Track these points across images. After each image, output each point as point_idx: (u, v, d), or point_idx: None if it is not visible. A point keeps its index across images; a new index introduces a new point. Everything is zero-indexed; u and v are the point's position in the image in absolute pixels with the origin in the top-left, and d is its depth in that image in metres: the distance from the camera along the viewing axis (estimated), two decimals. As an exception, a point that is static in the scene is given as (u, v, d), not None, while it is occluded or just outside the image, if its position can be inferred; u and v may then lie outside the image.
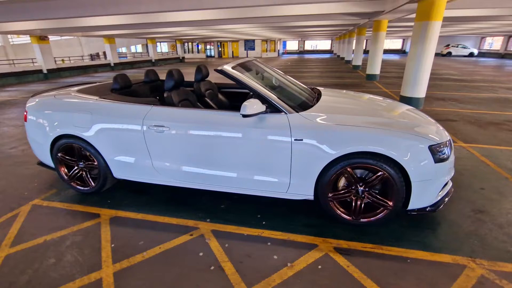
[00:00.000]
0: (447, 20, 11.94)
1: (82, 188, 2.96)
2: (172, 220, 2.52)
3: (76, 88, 3.27)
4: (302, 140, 2.22)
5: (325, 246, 2.15)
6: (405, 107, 2.85)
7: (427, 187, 2.17)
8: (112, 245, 2.21)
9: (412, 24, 13.25)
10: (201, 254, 2.10)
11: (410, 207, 2.23)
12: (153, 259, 2.06)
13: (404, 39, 38.54)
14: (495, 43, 31.66)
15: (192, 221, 2.50)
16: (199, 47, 38.86)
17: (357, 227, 2.36)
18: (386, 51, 37.46)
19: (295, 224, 2.43)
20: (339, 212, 2.36)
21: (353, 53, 17.08)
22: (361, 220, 2.33)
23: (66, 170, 2.98)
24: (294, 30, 19.91)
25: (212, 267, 1.97)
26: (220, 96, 3.66)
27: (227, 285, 1.83)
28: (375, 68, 11.22)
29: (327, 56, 35.18)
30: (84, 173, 2.92)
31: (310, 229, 2.36)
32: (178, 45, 27.78)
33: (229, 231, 2.35)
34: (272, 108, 2.33)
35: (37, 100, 2.99)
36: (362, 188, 2.27)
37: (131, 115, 2.58)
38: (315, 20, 12.16)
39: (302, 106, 2.49)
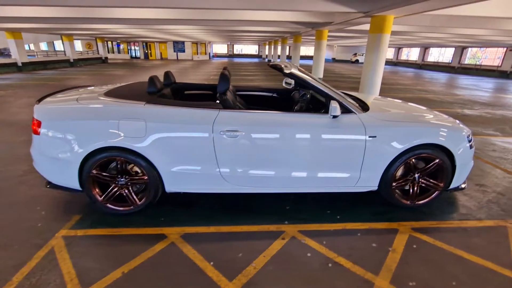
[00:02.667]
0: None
1: (122, 208, 2.53)
2: (252, 228, 2.43)
3: (97, 89, 2.76)
4: (375, 137, 2.47)
5: (405, 229, 2.45)
6: (423, 107, 3.37)
7: (464, 169, 2.71)
8: (211, 263, 2.02)
9: (343, 34, 15.17)
10: (309, 254, 2.13)
11: (451, 186, 2.74)
12: (267, 269, 1.98)
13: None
14: (411, 53, 37.07)
15: (274, 225, 2.46)
16: (121, 47, 35.27)
17: (414, 209, 2.75)
18: (307, 58, 41.45)
19: (366, 214, 2.66)
20: (400, 198, 2.71)
21: (287, 58, 18.42)
22: (417, 202, 2.73)
23: (98, 190, 2.50)
24: (239, 34, 20.27)
25: (330, 264, 2.03)
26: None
27: (358, 277, 1.92)
28: (319, 72, 12.44)
29: (256, 60, 36.76)
30: (126, 190, 2.50)
31: (381, 216, 2.63)
32: (100, 44, 24.59)
33: (315, 229, 2.42)
34: (343, 109, 2.51)
35: (53, 107, 2.42)
36: (417, 175, 2.67)
37: (198, 120, 2.37)
38: (263, 26, 12.73)
39: (362, 107, 2.74)
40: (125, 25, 13.73)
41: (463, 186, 2.83)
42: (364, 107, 2.77)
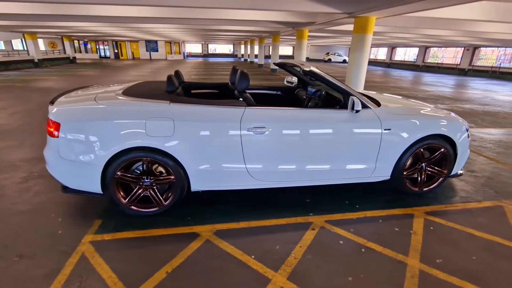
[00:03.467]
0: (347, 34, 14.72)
1: (147, 210, 2.48)
2: (281, 221, 2.50)
3: (112, 88, 2.68)
4: (390, 129, 2.66)
5: (419, 213, 2.66)
6: (421, 102, 3.62)
7: (463, 156, 2.99)
8: (252, 256, 2.06)
9: (321, 34, 15.64)
10: (341, 242, 2.25)
11: (452, 173, 3.01)
12: (307, 258, 2.06)
13: (293, 47, 44.15)
14: (378, 53, 38.95)
15: (300, 217, 2.55)
16: (88, 46, 33.39)
17: (422, 195, 2.98)
18: (282, 57, 42.06)
19: (381, 202, 2.84)
20: (410, 186, 2.92)
21: (265, 57, 18.63)
22: (424, 189, 2.97)
23: (122, 192, 2.43)
24: (215, 34, 20.08)
25: (363, 249, 2.17)
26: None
27: (391, 259, 2.07)
28: (301, 71, 12.76)
29: (231, 59, 36.67)
30: (151, 191, 2.45)
31: (395, 203, 2.82)
32: (67, 43, 23.09)
33: (340, 219, 2.55)
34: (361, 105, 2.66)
35: (73, 108, 2.32)
36: (424, 164, 2.90)
37: (226, 118, 2.40)
38: (244, 26, 12.77)
39: (375, 102, 2.91)
40: (97, 23, 13.10)
41: (461, 172, 3.12)
42: (376, 102, 2.95)
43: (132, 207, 2.45)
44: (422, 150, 2.82)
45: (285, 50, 44.84)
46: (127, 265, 1.97)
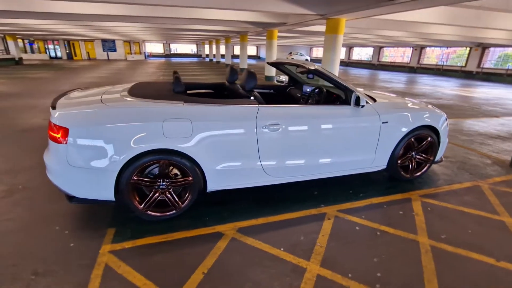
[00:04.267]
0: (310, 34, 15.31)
1: (164, 214, 2.42)
2: (297, 214, 2.60)
3: (113, 90, 2.55)
4: (387, 122, 2.90)
5: (415, 197, 2.95)
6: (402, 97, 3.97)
7: (443, 144, 3.36)
8: (282, 249, 2.13)
9: (289, 34, 16.06)
10: (357, 228, 2.42)
11: (436, 159, 3.36)
12: (332, 245, 2.19)
13: (257, 47, 44.65)
14: (319, 52, 42.14)
15: (314, 209, 2.68)
16: (34, 46, 30.28)
17: (412, 181, 3.29)
18: (248, 57, 42.25)
19: (381, 190, 3.09)
20: (403, 173, 3.21)
21: (232, 58, 18.61)
22: (414, 175, 3.28)
23: (137, 197, 2.34)
24: (179, 33, 19.52)
25: (378, 233, 2.36)
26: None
27: (405, 239, 2.29)
28: (272, 71, 13.00)
29: (195, 59, 35.94)
30: (168, 194, 2.39)
31: (393, 190, 3.09)
32: (11, 42, 20.65)
33: (350, 207, 2.73)
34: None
35: (82, 111, 2.17)
36: (414, 152, 3.21)
37: (242, 117, 2.43)
38: (212, 25, 12.65)
39: (371, 98, 3.14)
40: (48, 20, 12.00)
41: (442, 158, 3.50)
42: (372, 98, 3.19)
43: (149, 212, 2.37)
44: (413, 139, 3.12)
45: (249, 50, 45.06)
46: (159, 270, 1.92)
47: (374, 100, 3.04)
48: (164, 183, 2.36)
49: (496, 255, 2.14)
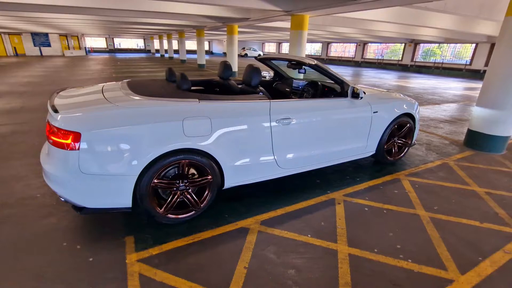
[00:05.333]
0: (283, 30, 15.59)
1: (185, 215, 2.35)
2: (310, 202, 2.74)
3: (118, 89, 2.37)
4: (377, 112, 3.20)
5: (403, 177, 3.32)
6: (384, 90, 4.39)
7: (417, 129, 3.82)
8: (309, 235, 2.25)
9: (247, 30, 16.08)
10: (366, 209, 2.66)
11: (412, 142, 3.82)
12: (351, 225, 2.38)
13: (210, 42, 43.81)
14: (271, 47, 43.44)
15: (323, 196, 2.85)
16: None
17: (394, 163, 3.69)
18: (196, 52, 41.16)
19: (372, 173, 3.40)
20: (388, 157, 3.58)
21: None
22: (396, 158, 3.68)
23: (156, 201, 2.24)
24: (126, 27, 18.11)
25: (385, 211, 2.63)
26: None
27: (407, 214, 2.59)
28: (234, 66, 12.96)
29: (143, 55, 33.84)
30: (187, 195, 2.33)
31: (382, 172, 3.43)
32: None
33: (352, 191, 2.97)
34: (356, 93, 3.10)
35: (95, 113, 1.99)
36: (396, 138, 3.60)
37: (257, 112, 2.46)
38: (168, 19, 12.06)
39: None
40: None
41: (415, 142, 3.98)
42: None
43: (169, 215, 2.29)
44: (395, 126, 3.50)
45: (193, 45, 43.89)
46: (199, 270, 1.89)
47: (364, 93, 3.32)
48: (182, 184, 2.29)
49: (479, 218, 2.57)
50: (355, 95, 2.98)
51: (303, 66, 3.37)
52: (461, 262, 2.03)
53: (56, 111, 1.98)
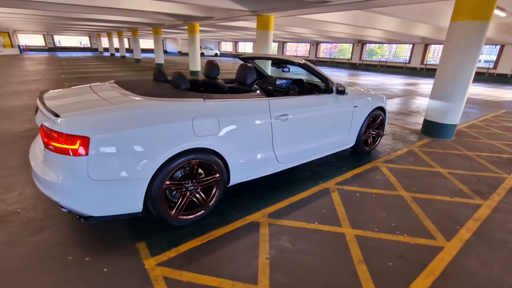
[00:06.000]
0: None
1: (195, 216, 2.34)
2: (308, 192, 2.92)
3: (117, 91, 2.26)
4: (357, 106, 3.51)
5: (380, 165, 3.69)
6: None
7: (386, 121, 4.27)
8: (316, 222, 2.42)
9: (208, 28, 15.81)
10: (357, 194, 2.92)
11: (383, 133, 4.25)
12: (349, 211, 2.61)
13: (163, 40, 42.04)
14: (227, 46, 43.47)
15: (317, 186, 3.05)
16: None
17: (370, 153, 4.07)
18: (148, 51, 39.31)
19: (353, 163, 3.71)
20: (365, 147, 3.94)
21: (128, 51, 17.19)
22: (371, 148, 4.06)
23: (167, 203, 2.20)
24: (71, 23, 16.52)
25: (374, 195, 2.92)
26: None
27: (394, 196, 2.91)
28: (197, 66, 12.71)
29: (89, 53, 31.20)
30: (196, 194, 2.32)
31: (362, 162, 3.76)
32: None
33: (341, 180, 3.22)
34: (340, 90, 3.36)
35: (102, 116, 1.88)
36: (371, 129, 3.97)
37: (259, 110, 2.55)
38: (123, 16, 11.35)
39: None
40: None
41: (384, 133, 4.43)
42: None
43: (180, 217, 2.26)
44: (371, 119, 3.86)
45: (149, 43, 41.86)
46: (223, 266, 1.92)
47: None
48: (191, 184, 2.29)
49: (448, 194, 3.00)
50: (341, 91, 3.23)
51: (287, 65, 3.54)
52: (445, 232, 2.38)
53: (56, 114, 1.83)
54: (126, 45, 30.18)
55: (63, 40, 38.03)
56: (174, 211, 2.21)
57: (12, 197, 2.68)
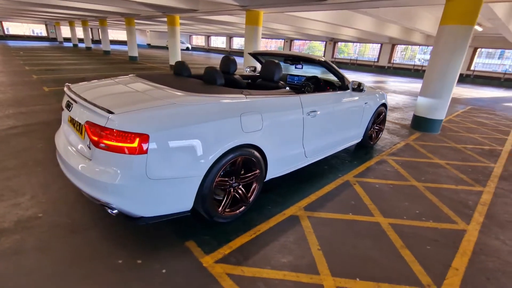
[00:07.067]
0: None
1: (238, 211, 2.35)
2: (331, 186, 3.04)
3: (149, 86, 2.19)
4: (367, 103, 3.71)
5: (387, 158, 3.94)
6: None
7: (386, 116, 4.55)
8: (350, 213, 2.54)
9: (186, 21, 15.26)
10: (377, 186, 3.11)
11: (384, 128, 4.52)
12: (375, 201, 2.78)
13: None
14: (199, 40, 42.64)
15: (338, 179, 3.19)
16: None
17: (374, 146, 4.32)
18: (118, 42, 37.07)
19: (362, 157, 3.92)
20: (370, 141, 4.17)
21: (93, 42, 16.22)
22: (374, 142, 4.31)
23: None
24: (35, 10, 15.01)
25: (391, 186, 3.13)
26: None
27: (404, 186, 3.14)
28: (177, 59, 12.29)
29: (46, 43, 28.58)
30: (239, 190, 2.32)
31: (369, 155, 3.99)
32: None
33: (357, 173, 3.40)
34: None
35: (159, 112, 1.81)
36: (375, 124, 4.21)
37: (293, 106, 2.60)
38: (91, 3, 10.55)
39: None
40: None
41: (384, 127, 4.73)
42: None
43: (225, 213, 2.25)
44: (376, 115, 4.09)
45: (120, 35, 39.56)
46: (280, 260, 1.96)
47: None
48: (235, 181, 2.28)
49: (453, 183, 3.32)
50: (358, 89, 3.38)
51: (301, 62, 3.62)
52: (462, 216, 2.64)
53: (109, 111, 1.72)
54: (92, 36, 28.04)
55: (12, 27, 34.39)
56: (220, 208, 2.20)
57: (26, 201, 2.46)
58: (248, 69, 4.49)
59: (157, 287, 1.70)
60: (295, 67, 3.99)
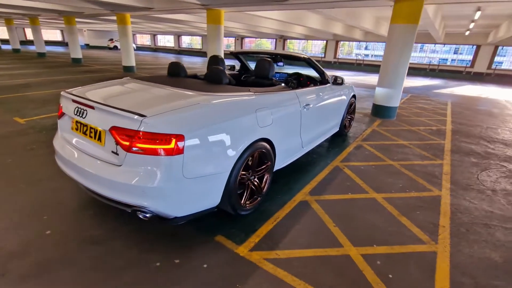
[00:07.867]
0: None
1: (255, 203, 2.48)
2: (324, 173, 3.34)
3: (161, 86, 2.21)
4: (343, 95, 4.11)
5: (362, 143, 4.41)
6: None
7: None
8: (349, 193, 2.86)
9: (137, 20, 14.34)
10: (362, 168, 3.50)
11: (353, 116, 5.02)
12: (369, 181, 3.16)
13: (62, 30, 35.90)
14: (144, 39, 40.41)
15: (330, 166, 3.51)
16: None
17: (348, 134, 4.78)
18: (50, 43, 33.19)
19: (341, 143, 4.33)
20: (344, 130, 4.61)
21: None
22: (347, 130, 4.78)
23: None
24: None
25: (373, 167, 3.55)
26: None
27: (392, 167, 3.60)
28: (130, 60, 11.59)
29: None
30: (255, 183, 2.45)
31: (347, 142, 4.42)
32: None
33: (342, 158, 3.77)
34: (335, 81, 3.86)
35: (190, 113, 1.86)
36: (348, 114, 4.67)
37: (292, 101, 2.81)
38: (39, 1, 9.41)
39: None
40: None
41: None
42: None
43: (247, 205, 2.37)
44: (349, 105, 4.54)
45: (49, 35, 35.40)
46: (306, 239, 2.17)
47: None
48: (251, 174, 2.41)
49: (419, 159, 3.90)
50: (337, 82, 3.74)
51: (282, 59, 3.86)
52: (434, 184, 3.17)
53: (140, 114, 1.72)
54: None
55: None
56: (242, 200, 2.31)
57: (33, 223, 2.25)
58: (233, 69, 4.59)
59: (207, 280, 1.77)
60: (277, 65, 4.20)
